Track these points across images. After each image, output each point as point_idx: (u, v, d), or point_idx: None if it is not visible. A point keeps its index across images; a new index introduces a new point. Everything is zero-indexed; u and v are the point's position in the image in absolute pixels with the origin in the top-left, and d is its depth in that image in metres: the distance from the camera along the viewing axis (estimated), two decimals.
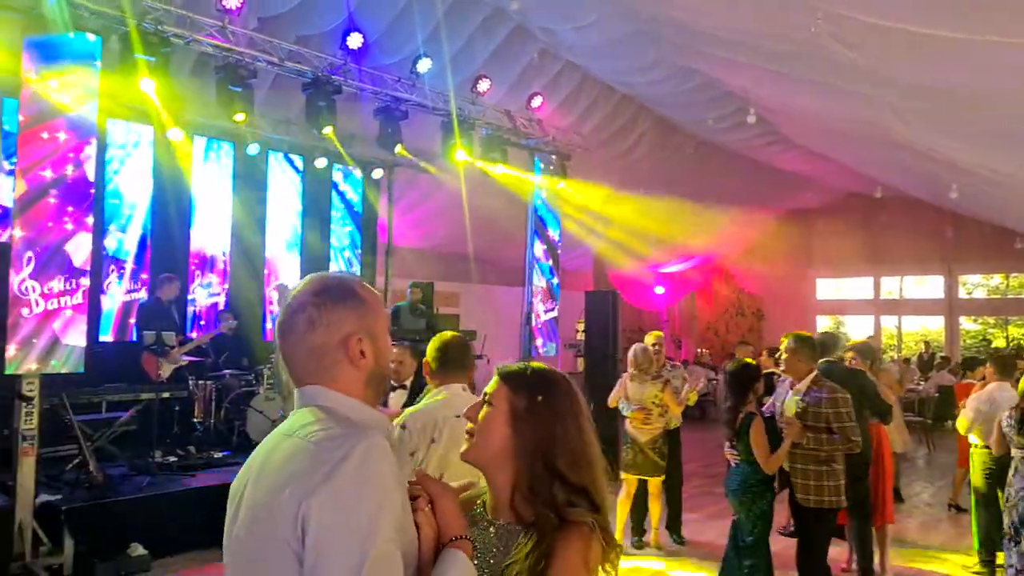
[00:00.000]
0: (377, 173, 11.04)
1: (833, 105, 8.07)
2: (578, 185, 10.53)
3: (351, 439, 1.31)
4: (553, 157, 9.81)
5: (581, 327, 15.40)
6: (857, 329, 18.54)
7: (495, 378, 1.65)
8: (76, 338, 5.59)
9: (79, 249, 5.59)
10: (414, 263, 12.68)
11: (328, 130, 7.44)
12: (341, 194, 10.86)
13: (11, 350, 5.19)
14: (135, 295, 8.59)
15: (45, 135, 5.60)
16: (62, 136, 5.61)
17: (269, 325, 9.93)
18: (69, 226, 5.56)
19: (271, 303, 9.90)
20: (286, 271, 10.14)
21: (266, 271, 9.96)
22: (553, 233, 10.17)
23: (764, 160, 13.09)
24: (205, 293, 9.36)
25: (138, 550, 5.60)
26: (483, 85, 8.40)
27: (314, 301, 1.45)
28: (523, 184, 9.88)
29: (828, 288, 19.57)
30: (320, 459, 1.29)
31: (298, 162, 10.28)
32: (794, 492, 4.43)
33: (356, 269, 11.00)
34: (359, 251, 11.11)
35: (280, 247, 10.15)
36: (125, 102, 7.97)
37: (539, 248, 10.01)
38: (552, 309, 10.30)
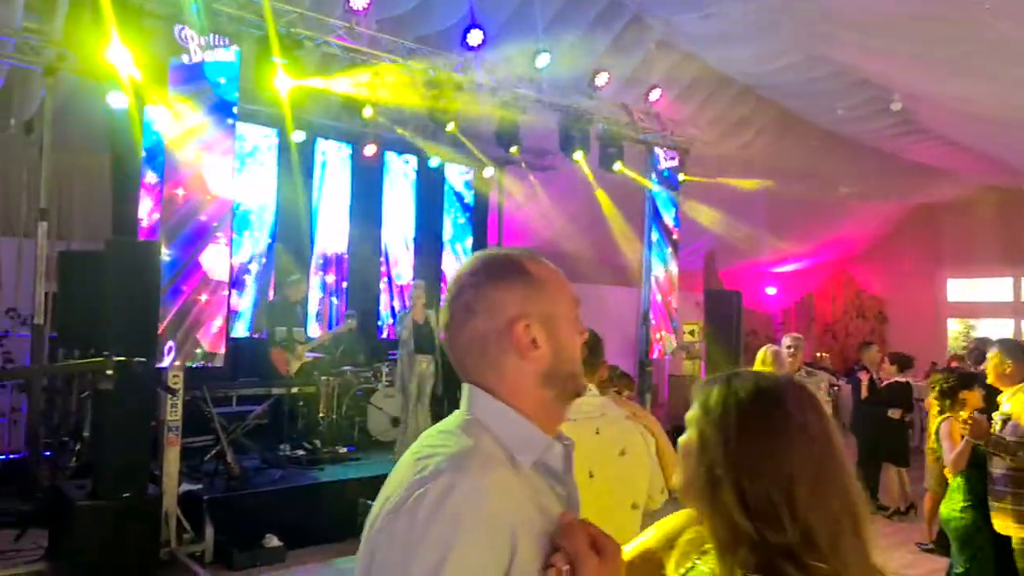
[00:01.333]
0: (488, 171, 11.02)
1: (990, 90, 7.42)
2: (694, 180, 10.19)
3: (445, 469, 1.06)
4: (670, 152, 9.49)
5: (688, 328, 14.95)
6: (994, 335, 17.14)
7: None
8: (216, 334, 5.78)
9: (218, 264, 5.82)
10: None
11: (451, 127, 7.42)
12: (456, 193, 10.91)
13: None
14: (262, 294, 8.88)
15: (187, 157, 5.85)
16: (202, 156, 5.85)
17: (390, 321, 10.07)
18: (215, 245, 5.79)
19: (399, 301, 10.03)
20: (401, 269, 10.26)
21: (382, 269, 10.10)
22: (670, 220, 9.84)
23: (891, 151, 12.27)
24: (326, 292, 9.57)
25: (273, 541, 5.72)
26: (601, 79, 8.20)
27: (471, 281, 1.20)
28: (639, 180, 9.60)
29: (960, 289, 18.19)
30: (405, 484, 1.10)
31: (412, 161, 10.38)
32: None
33: None
34: (472, 251, 11.12)
35: (395, 245, 10.28)
36: (253, 106, 8.27)
37: (655, 236, 9.69)
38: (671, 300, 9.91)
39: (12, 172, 9.07)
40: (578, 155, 8.44)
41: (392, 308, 10.17)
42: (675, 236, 9.84)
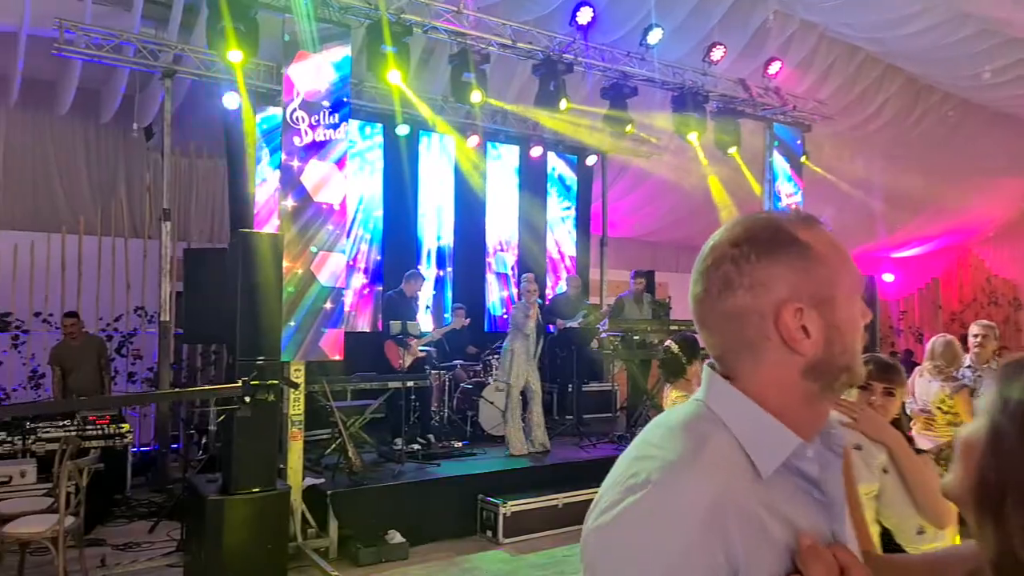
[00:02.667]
0: (591, 160, 10.72)
1: None
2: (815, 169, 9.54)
3: (658, 480, 0.90)
4: (792, 128, 8.90)
5: None
6: None
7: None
8: (334, 341, 5.76)
9: (335, 270, 5.82)
10: (620, 252, 12.20)
11: (563, 104, 7.14)
12: (559, 182, 10.66)
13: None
14: (372, 288, 8.90)
15: (303, 158, 5.84)
16: (318, 157, 5.84)
17: (500, 312, 9.94)
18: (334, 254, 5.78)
19: (503, 291, 9.89)
20: (505, 261, 10.10)
21: (487, 260, 9.97)
22: (793, 203, 9.22)
23: None
24: (435, 285, 9.52)
25: (396, 537, 5.63)
26: (717, 53, 7.74)
27: (733, 253, 1.00)
28: (754, 160, 9.06)
29: None
30: (617, 482, 0.95)
31: (515, 151, 10.19)
32: None
33: (573, 261, 10.74)
34: (576, 241, 10.83)
35: (499, 236, 10.12)
36: (357, 101, 8.29)
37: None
38: None
39: (136, 176, 9.46)
40: (692, 136, 8.01)
41: (501, 299, 10.02)
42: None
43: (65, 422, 6.43)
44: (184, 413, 8.70)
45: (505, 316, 9.97)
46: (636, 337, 7.95)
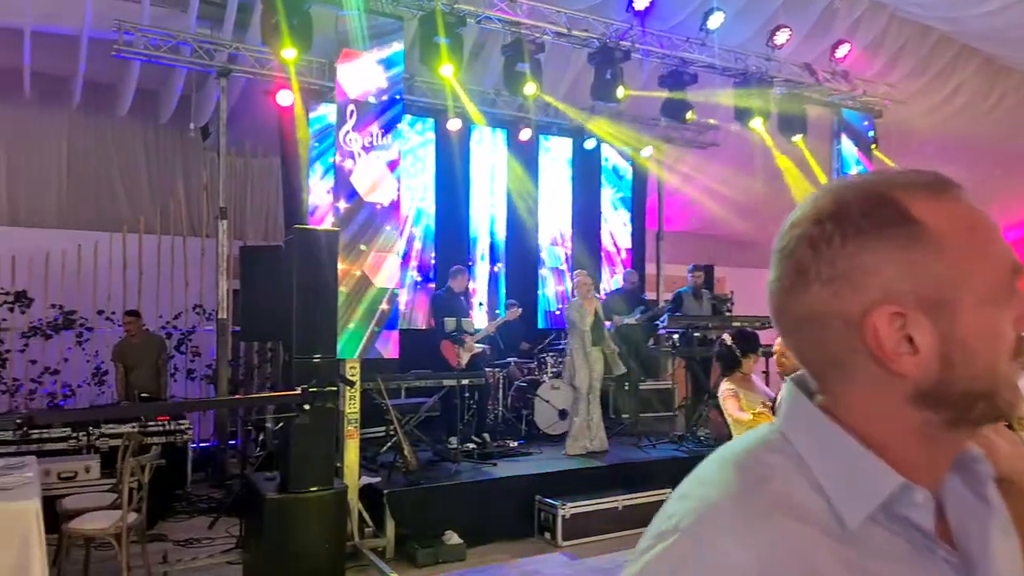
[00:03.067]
0: (647, 150, 10.46)
1: None
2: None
3: (689, 527, 0.69)
4: (862, 115, 8.50)
5: None
6: None
7: None
8: (389, 331, 5.69)
9: (393, 274, 5.74)
10: (677, 246, 11.88)
11: (620, 93, 6.93)
12: (613, 174, 10.43)
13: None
14: (425, 285, 8.84)
15: (357, 156, 5.78)
16: (373, 155, 5.76)
17: (555, 307, 9.79)
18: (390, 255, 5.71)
19: (558, 286, 9.74)
20: (558, 256, 9.93)
21: (540, 255, 9.81)
22: None
23: None
24: (485, 281, 9.41)
25: (453, 538, 5.53)
26: (781, 36, 7.42)
27: (813, 233, 0.73)
28: (818, 150, 8.67)
29: None
30: (654, 523, 0.74)
31: (568, 144, 10.00)
32: None
33: (628, 255, 10.50)
34: (631, 235, 10.59)
35: (553, 231, 9.95)
36: (409, 96, 8.21)
37: None
38: None
39: (193, 175, 9.59)
40: (756, 123, 7.70)
41: (556, 294, 9.86)
42: None
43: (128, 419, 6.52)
44: (242, 410, 8.79)
45: (559, 311, 9.81)
46: (697, 334, 7.70)
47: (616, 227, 10.51)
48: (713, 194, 11.37)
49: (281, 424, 6.43)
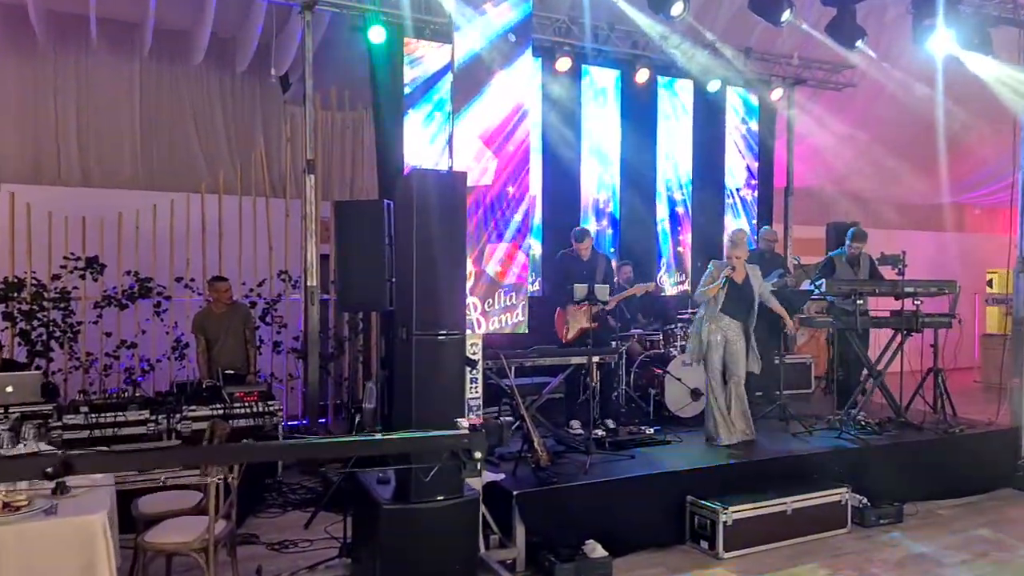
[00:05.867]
0: (776, 93, 9.13)
1: None
2: None
3: None
4: None
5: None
6: None
7: None
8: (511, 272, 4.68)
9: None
10: (802, 203, 10.50)
11: (787, 15, 5.70)
12: (739, 122, 9.15)
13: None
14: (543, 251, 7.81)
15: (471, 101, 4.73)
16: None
17: (675, 277, 8.67)
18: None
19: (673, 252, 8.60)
20: (675, 216, 8.76)
21: (658, 217, 8.65)
22: None
23: None
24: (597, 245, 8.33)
25: (597, 549, 4.56)
26: None
27: None
28: (1003, 84, 7.19)
29: None
30: None
31: (688, 86, 8.75)
32: None
33: (754, 213, 9.24)
34: (756, 191, 9.31)
35: (670, 187, 8.77)
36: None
37: None
38: None
39: (273, 130, 8.78)
40: (940, 40, 6.27)
41: (675, 260, 8.72)
42: None
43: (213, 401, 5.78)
44: (332, 387, 8.02)
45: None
46: (860, 302, 6.47)
47: (740, 181, 9.23)
48: (849, 143, 9.98)
49: (386, 407, 5.57)
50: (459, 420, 2.24)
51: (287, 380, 7.84)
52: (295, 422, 7.46)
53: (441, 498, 3.67)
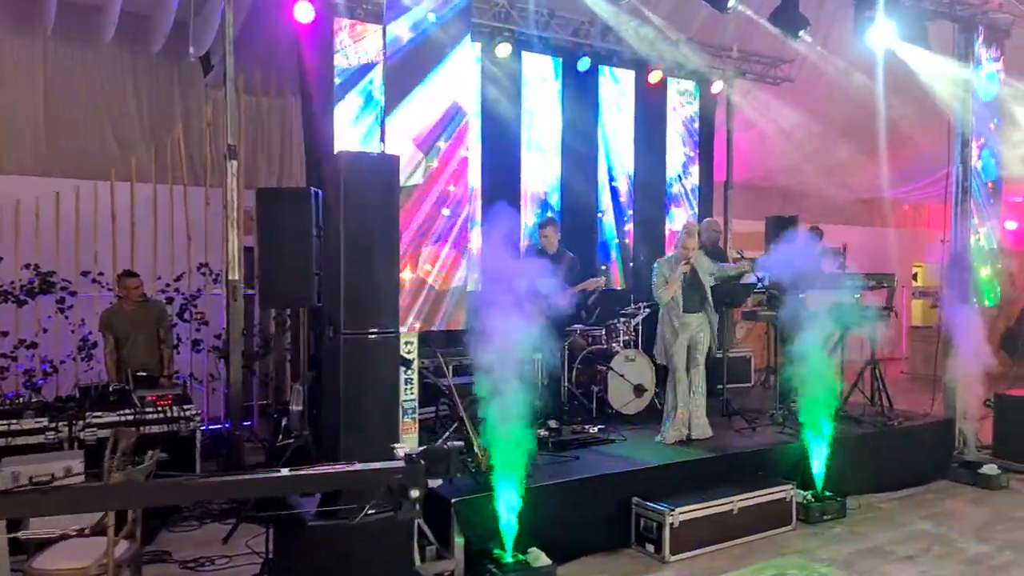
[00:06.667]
0: (717, 86, 9.06)
1: None
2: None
3: None
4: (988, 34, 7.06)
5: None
6: None
7: None
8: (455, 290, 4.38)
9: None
10: (744, 198, 10.51)
11: (731, 2, 5.55)
12: (681, 114, 9.03)
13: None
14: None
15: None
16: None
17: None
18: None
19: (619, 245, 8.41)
20: (618, 207, 8.59)
21: (600, 210, 8.46)
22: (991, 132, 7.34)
23: None
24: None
25: (540, 558, 4.31)
26: None
27: None
28: (938, 79, 7.23)
29: None
30: None
31: (631, 77, 8.58)
32: None
33: (695, 205, 9.16)
34: (698, 184, 9.22)
35: (614, 178, 8.58)
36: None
37: (974, 151, 7.20)
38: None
39: (194, 114, 8.20)
40: (880, 32, 6.24)
41: (614, 254, 8.55)
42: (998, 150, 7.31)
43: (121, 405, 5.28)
44: (258, 387, 7.56)
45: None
46: (801, 296, 6.40)
47: (679, 173, 9.13)
48: (787, 138, 10.01)
49: (315, 411, 5.20)
50: (396, 447, 1.93)
51: (208, 381, 7.34)
52: (217, 426, 6.98)
53: (372, 512, 3.34)
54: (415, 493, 1.72)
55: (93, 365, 6.67)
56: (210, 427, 7.13)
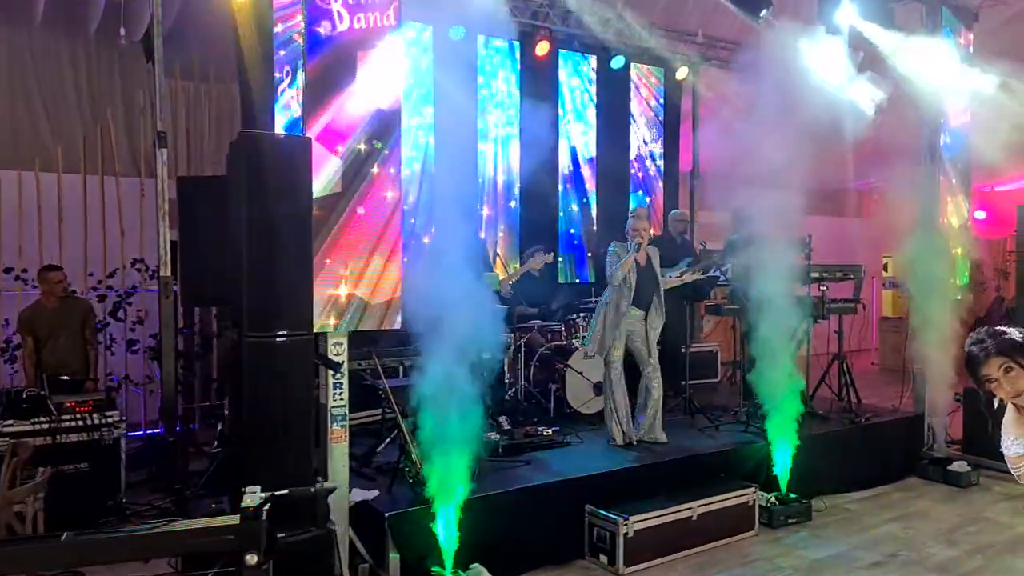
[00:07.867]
0: (681, 73, 8.78)
1: None
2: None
3: None
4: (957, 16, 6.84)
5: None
6: None
7: None
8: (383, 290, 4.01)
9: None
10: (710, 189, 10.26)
11: None
12: (645, 101, 8.75)
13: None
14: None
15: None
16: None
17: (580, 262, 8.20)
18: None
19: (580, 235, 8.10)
20: (580, 193, 8.30)
21: (559, 198, 8.16)
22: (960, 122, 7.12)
23: None
24: (495, 225, 7.78)
25: (483, 574, 4.01)
26: None
27: None
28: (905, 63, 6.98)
29: None
30: None
31: (592, 63, 8.28)
32: None
33: (659, 192, 8.89)
34: (662, 172, 8.95)
35: (577, 165, 8.28)
36: None
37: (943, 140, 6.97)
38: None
39: (133, 102, 7.76)
40: (844, 14, 6.00)
41: (579, 245, 8.26)
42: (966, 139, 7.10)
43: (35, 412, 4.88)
44: (199, 389, 7.16)
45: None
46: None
47: (645, 160, 8.86)
48: (755, 126, 9.75)
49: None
50: (246, 491, 1.58)
51: (145, 383, 6.93)
52: (153, 431, 6.59)
53: (282, 535, 3.01)
54: (252, 559, 1.37)
55: (17, 368, 6.23)
56: (148, 432, 6.75)
